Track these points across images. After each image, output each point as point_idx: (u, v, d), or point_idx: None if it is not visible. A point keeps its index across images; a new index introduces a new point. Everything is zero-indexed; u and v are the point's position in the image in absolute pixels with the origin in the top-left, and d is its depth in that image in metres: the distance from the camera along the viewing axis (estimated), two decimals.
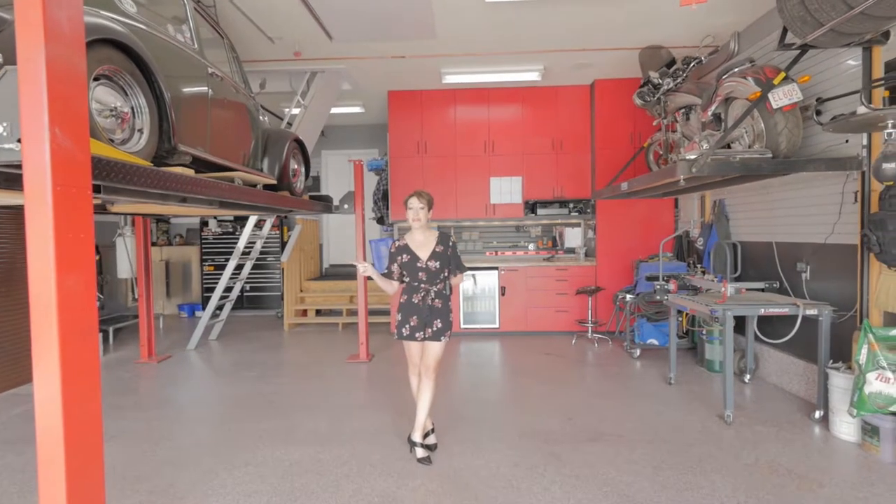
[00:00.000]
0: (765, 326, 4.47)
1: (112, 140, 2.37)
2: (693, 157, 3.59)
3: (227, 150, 3.55)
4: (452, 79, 6.19)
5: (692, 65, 4.73)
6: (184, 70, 3.04)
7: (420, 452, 3.12)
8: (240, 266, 7.18)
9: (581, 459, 3.10)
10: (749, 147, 3.89)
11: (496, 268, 6.59)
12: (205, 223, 8.64)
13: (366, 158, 7.58)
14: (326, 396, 4.36)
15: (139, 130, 2.57)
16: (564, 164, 6.81)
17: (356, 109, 7.55)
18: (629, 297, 5.67)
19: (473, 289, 6.59)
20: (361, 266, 3.22)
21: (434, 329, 3.11)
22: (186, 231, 9.17)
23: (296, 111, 5.98)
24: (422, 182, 6.75)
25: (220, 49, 3.85)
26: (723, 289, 3.86)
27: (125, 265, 6.39)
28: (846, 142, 3.60)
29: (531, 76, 6.12)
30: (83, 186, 1.52)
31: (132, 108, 2.52)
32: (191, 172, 2.80)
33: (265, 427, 3.69)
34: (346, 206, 6.74)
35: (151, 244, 5.99)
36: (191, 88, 3.10)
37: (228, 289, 7.04)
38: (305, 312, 7.79)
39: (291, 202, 4.41)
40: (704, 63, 4.81)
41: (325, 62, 5.68)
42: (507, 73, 6.12)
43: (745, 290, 4.11)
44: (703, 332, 5.01)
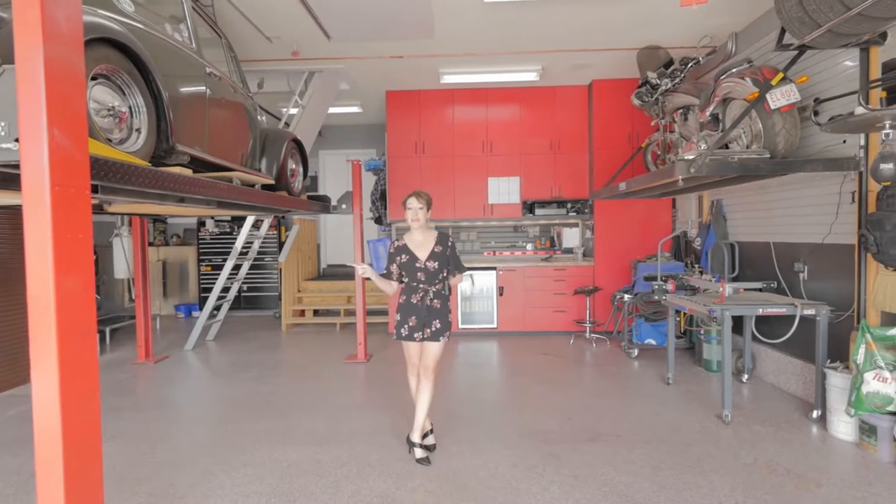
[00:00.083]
0: (762, 326, 4.48)
1: (110, 140, 2.36)
2: (691, 158, 3.60)
3: (225, 150, 3.54)
4: (451, 79, 6.19)
5: (690, 65, 4.74)
6: (182, 69, 3.03)
7: (419, 453, 3.11)
8: (237, 266, 7.16)
9: (580, 459, 3.11)
10: (747, 147, 3.90)
11: (494, 268, 6.59)
12: (202, 223, 8.61)
13: (364, 158, 7.57)
14: (324, 397, 4.35)
15: (137, 130, 2.56)
16: (562, 165, 6.82)
17: (354, 109, 7.54)
18: (627, 297, 5.68)
19: (471, 289, 6.59)
20: (360, 267, 3.21)
21: (433, 329, 3.11)
22: (183, 231, 9.14)
23: (294, 111, 5.97)
24: (420, 182, 6.75)
25: (218, 49, 3.84)
26: (721, 289, 3.87)
27: (122, 265, 6.37)
28: (844, 142, 3.61)
29: (529, 76, 6.12)
30: (81, 186, 1.51)
31: (130, 108, 2.51)
32: (189, 172, 2.79)
33: (263, 428, 3.68)
34: (345, 207, 6.72)
35: (148, 244, 5.97)
36: (189, 88, 3.08)
37: (226, 289, 7.02)
38: (303, 313, 7.78)
39: (289, 202, 4.40)
40: (702, 64, 4.82)
41: (323, 62, 5.67)
42: (506, 74, 6.12)
43: (743, 291, 4.12)
44: (701, 332, 5.02)
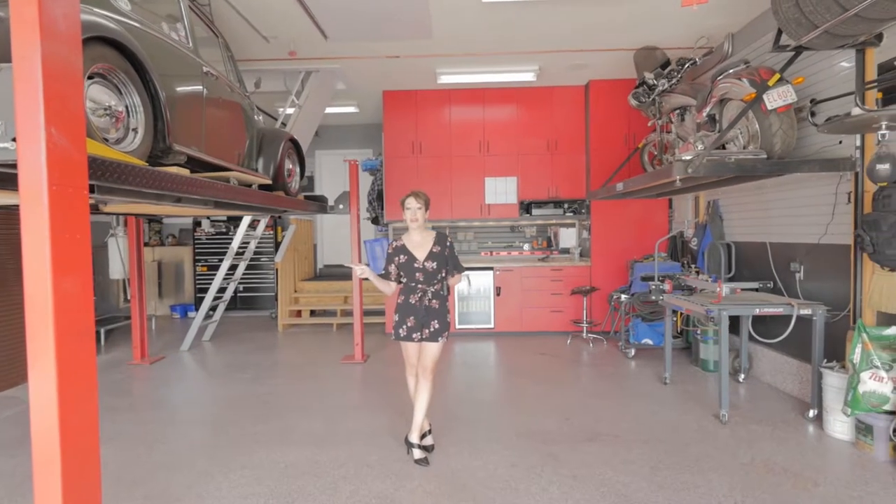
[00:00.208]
0: (759, 326, 4.49)
1: (106, 139, 2.34)
2: (689, 158, 3.61)
3: (222, 150, 3.52)
4: (448, 79, 6.19)
5: (687, 66, 4.75)
6: (179, 69, 3.01)
7: (417, 453, 3.11)
8: (233, 266, 7.13)
9: (578, 459, 3.11)
10: (744, 148, 3.91)
11: (491, 268, 6.59)
12: (198, 223, 8.57)
13: (360, 158, 7.55)
14: (322, 398, 4.34)
15: (134, 130, 2.54)
16: (559, 165, 6.83)
17: (351, 109, 7.52)
18: (624, 298, 5.70)
19: (468, 289, 6.59)
20: (358, 268, 3.20)
21: (431, 330, 3.10)
22: (179, 231, 9.10)
23: (290, 111, 5.95)
24: (417, 182, 6.73)
25: (215, 48, 3.82)
26: (718, 289, 3.88)
27: (117, 266, 6.33)
28: (840, 143, 3.63)
29: (526, 76, 6.13)
30: (79, 186, 1.49)
31: (127, 107, 2.49)
32: (186, 172, 2.77)
33: (260, 429, 3.66)
34: (342, 207, 6.67)
35: (144, 244, 5.94)
36: (186, 87, 3.07)
37: (222, 289, 6.99)
38: (300, 313, 7.75)
39: (286, 202, 4.38)
40: (699, 64, 4.83)
41: (320, 62, 5.66)
42: (503, 74, 6.12)
43: (740, 290, 4.13)
44: (698, 332, 5.04)
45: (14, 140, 1.40)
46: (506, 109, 6.83)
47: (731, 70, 3.87)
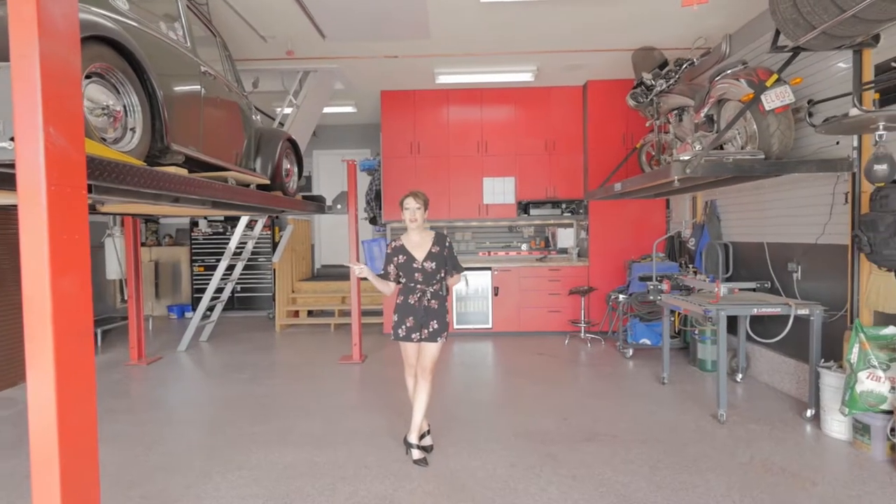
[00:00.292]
0: (756, 326, 4.51)
1: (104, 139, 2.33)
2: (687, 158, 3.62)
3: (220, 150, 3.51)
4: (446, 79, 6.19)
5: (684, 66, 4.76)
6: (176, 68, 3.00)
7: (416, 454, 3.10)
8: (231, 267, 7.11)
9: (577, 460, 3.11)
10: (742, 148, 3.92)
11: (489, 268, 6.59)
12: (195, 223, 8.54)
13: (358, 158, 7.54)
14: (320, 398, 4.33)
15: (131, 129, 2.53)
16: (557, 165, 6.83)
17: (348, 109, 7.51)
18: (622, 298, 5.70)
19: (466, 289, 6.59)
20: (357, 267, 3.20)
21: (430, 330, 3.10)
22: (176, 231, 9.07)
23: (288, 111, 5.94)
24: (415, 182, 6.73)
25: (213, 47, 3.81)
26: (716, 289, 3.89)
27: (114, 266, 6.30)
28: (837, 143, 3.65)
29: (524, 77, 6.13)
30: (78, 186, 1.48)
31: (124, 107, 2.48)
32: (184, 172, 2.76)
33: (258, 429, 3.65)
34: (339, 207, 6.68)
35: (140, 244, 5.91)
36: (184, 87, 3.06)
37: (220, 290, 6.97)
38: (297, 313, 7.74)
39: (284, 202, 4.37)
40: (697, 65, 4.85)
41: (318, 61, 5.65)
42: (501, 74, 6.13)
43: (738, 290, 4.14)
44: (696, 332, 5.05)
45: (12, 140, 1.39)
46: (504, 110, 6.83)
47: (729, 71, 3.88)
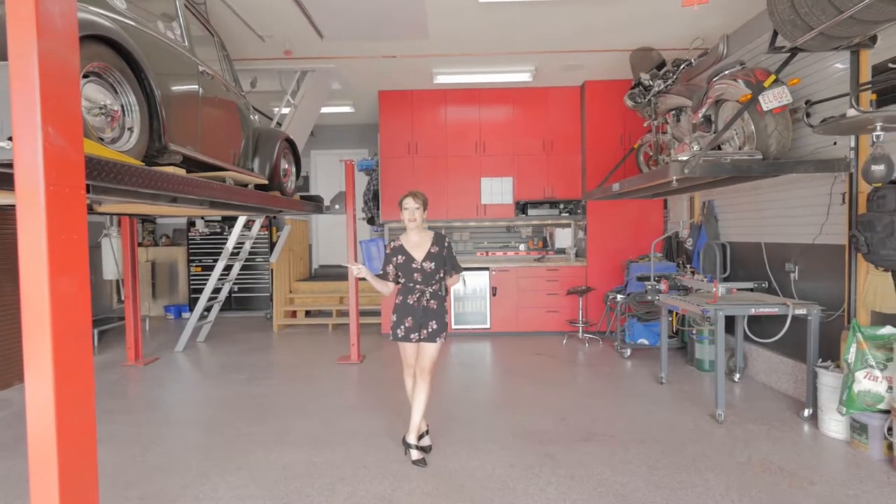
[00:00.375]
0: (754, 326, 4.52)
1: (101, 139, 2.32)
2: (685, 159, 3.63)
3: (218, 150, 3.50)
4: (444, 79, 6.18)
5: (682, 67, 4.77)
6: (174, 68, 2.99)
7: (415, 454, 3.10)
8: (228, 267, 7.09)
9: (576, 460, 3.11)
10: (739, 149, 3.93)
11: (487, 268, 6.59)
12: (192, 223, 8.52)
13: (356, 158, 7.54)
14: (318, 398, 4.32)
15: (129, 129, 2.52)
16: (555, 165, 6.84)
17: (346, 109, 7.50)
18: (620, 298, 5.71)
19: (464, 290, 6.58)
20: (355, 268, 3.19)
21: (429, 330, 3.10)
22: (173, 231, 9.04)
23: (286, 110, 5.92)
24: (413, 182, 6.72)
25: (211, 47, 3.79)
26: (714, 289, 3.90)
27: (111, 266, 6.28)
28: (834, 144, 3.66)
29: (522, 77, 6.13)
30: (76, 186, 1.47)
31: (122, 107, 2.47)
32: (182, 172, 2.75)
33: (256, 430, 3.64)
34: (337, 207, 6.68)
35: (137, 245, 5.89)
36: (181, 86, 3.04)
37: (217, 290, 6.95)
38: (295, 313, 7.72)
39: (282, 202, 4.36)
40: (694, 65, 4.86)
41: (316, 61, 5.63)
42: (499, 74, 6.12)
43: (736, 291, 4.16)
44: (693, 332, 5.06)
45: (10, 139, 1.38)
46: (502, 110, 6.83)
47: (727, 71, 3.89)
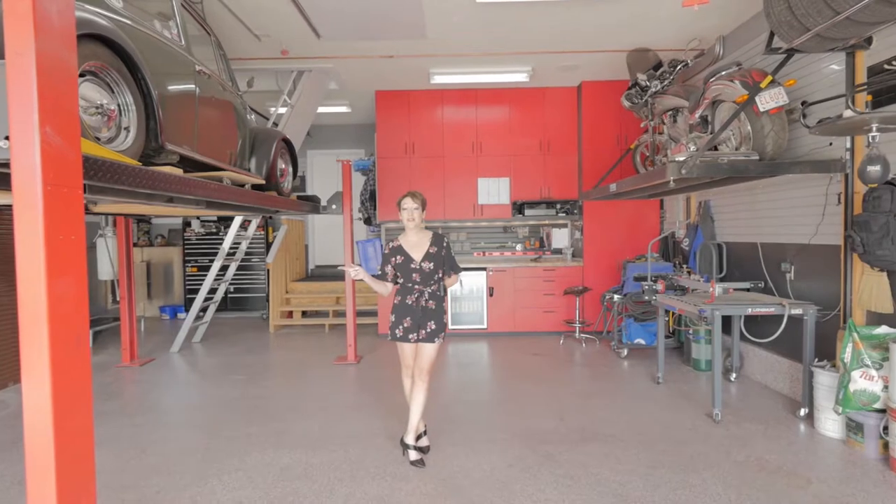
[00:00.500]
0: (750, 325, 4.54)
1: (98, 138, 2.31)
2: (682, 159, 3.64)
3: (215, 150, 3.49)
4: (441, 79, 6.17)
5: (679, 68, 4.79)
6: (171, 67, 2.97)
7: (413, 455, 3.09)
8: (224, 267, 7.06)
9: (574, 460, 3.11)
10: (736, 149, 3.95)
11: (484, 268, 6.59)
12: (187, 223, 8.48)
13: (352, 159, 7.52)
14: (315, 399, 4.31)
15: (126, 129, 2.51)
16: (551, 165, 6.84)
17: (343, 109, 7.48)
18: (617, 298, 5.72)
19: (461, 290, 6.58)
20: (352, 270, 3.17)
21: (428, 331, 3.09)
22: (168, 231, 8.99)
23: (282, 110, 5.91)
24: (409, 182, 6.71)
25: (207, 46, 3.78)
26: (711, 289, 3.91)
27: (106, 266, 6.24)
28: (830, 144, 3.68)
29: (519, 77, 6.13)
30: (74, 186, 1.46)
31: (119, 106, 2.46)
32: (179, 172, 2.74)
33: (254, 431, 3.63)
34: (334, 207, 6.67)
35: (133, 245, 5.86)
36: (178, 86, 3.03)
37: (213, 290, 6.92)
38: (291, 314, 7.69)
39: (279, 202, 4.35)
40: (690, 66, 4.88)
41: (313, 61, 5.62)
42: (496, 74, 6.12)
43: (733, 290, 4.17)
44: (690, 332, 5.08)
45: (7, 138, 1.36)
46: (498, 110, 6.84)
47: (724, 72, 3.91)
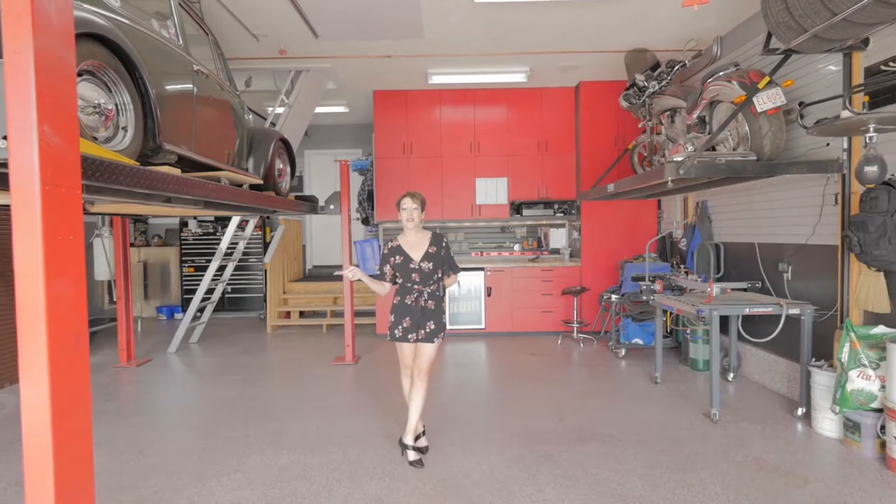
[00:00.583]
0: (748, 325, 4.55)
1: (96, 138, 2.30)
2: (681, 159, 3.64)
3: (213, 149, 3.48)
4: (439, 79, 6.17)
5: (676, 68, 4.80)
6: (169, 67, 2.96)
7: (412, 455, 3.09)
8: (221, 267, 7.04)
9: (573, 460, 3.11)
10: (734, 150, 3.96)
11: (482, 268, 6.59)
12: (184, 224, 8.45)
13: (350, 158, 7.51)
14: (314, 400, 4.30)
15: (123, 128, 2.50)
16: (549, 165, 6.85)
17: (340, 109, 7.47)
18: (614, 298, 5.73)
19: (458, 290, 6.58)
20: (349, 271, 3.17)
21: (427, 331, 3.09)
22: (165, 232, 8.96)
23: (280, 110, 5.89)
24: (407, 183, 6.71)
25: (205, 46, 3.76)
26: (708, 289, 3.92)
27: (103, 267, 6.21)
28: (827, 145, 3.69)
29: (517, 77, 6.14)
30: (72, 186, 1.45)
31: (116, 106, 2.45)
32: (177, 172, 2.73)
33: (251, 432, 3.62)
34: (332, 207, 6.63)
35: (129, 245, 5.84)
36: (176, 86, 3.02)
37: (210, 290, 6.90)
38: (289, 314, 7.68)
39: (277, 202, 4.34)
40: (688, 66, 4.89)
41: (311, 61, 5.61)
42: (494, 75, 6.13)
43: (730, 290, 4.18)
44: (688, 332, 5.09)
45: (5, 138, 1.35)
46: (496, 110, 6.84)
47: (722, 73, 3.92)
